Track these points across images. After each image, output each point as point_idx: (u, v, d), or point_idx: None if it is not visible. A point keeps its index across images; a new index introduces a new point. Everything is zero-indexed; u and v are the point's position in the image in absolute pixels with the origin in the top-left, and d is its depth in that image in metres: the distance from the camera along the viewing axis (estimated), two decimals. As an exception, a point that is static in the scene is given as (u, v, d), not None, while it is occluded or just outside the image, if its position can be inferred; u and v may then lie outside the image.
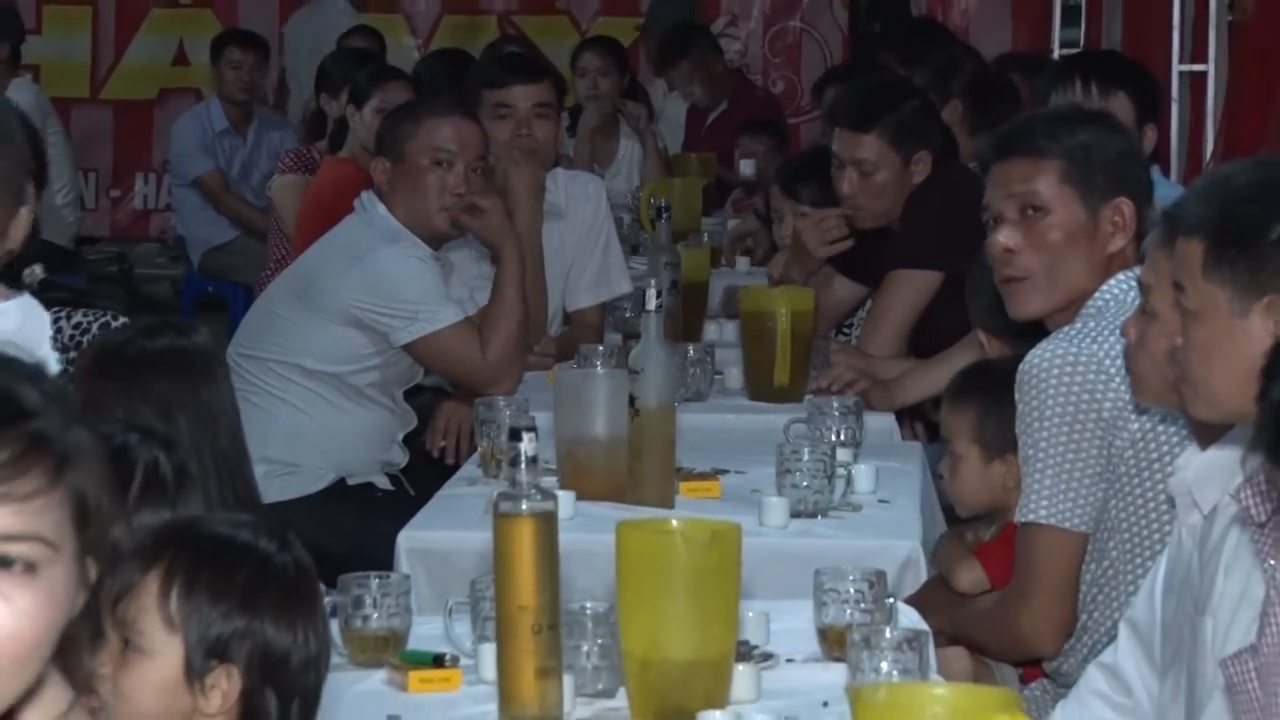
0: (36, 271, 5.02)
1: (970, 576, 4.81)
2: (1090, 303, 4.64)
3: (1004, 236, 4.79)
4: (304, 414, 6.30)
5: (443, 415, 6.54)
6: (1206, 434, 3.83)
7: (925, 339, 6.65)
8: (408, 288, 6.39)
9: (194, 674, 2.99)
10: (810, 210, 7.37)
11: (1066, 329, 4.59)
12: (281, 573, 3.04)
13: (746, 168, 10.19)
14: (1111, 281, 4.63)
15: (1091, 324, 4.56)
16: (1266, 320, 3.29)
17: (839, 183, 6.93)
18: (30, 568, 2.25)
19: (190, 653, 2.98)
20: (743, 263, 8.83)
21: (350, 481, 6.35)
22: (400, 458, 6.59)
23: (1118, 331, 4.34)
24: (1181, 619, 3.82)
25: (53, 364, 4.21)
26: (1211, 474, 3.80)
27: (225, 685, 2.99)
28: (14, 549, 2.23)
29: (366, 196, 6.61)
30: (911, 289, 6.71)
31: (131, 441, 3.39)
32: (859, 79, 7.58)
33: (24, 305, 4.40)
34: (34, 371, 2.36)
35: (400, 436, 6.62)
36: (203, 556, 2.99)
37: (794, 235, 7.34)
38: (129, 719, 2.93)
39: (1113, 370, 4.42)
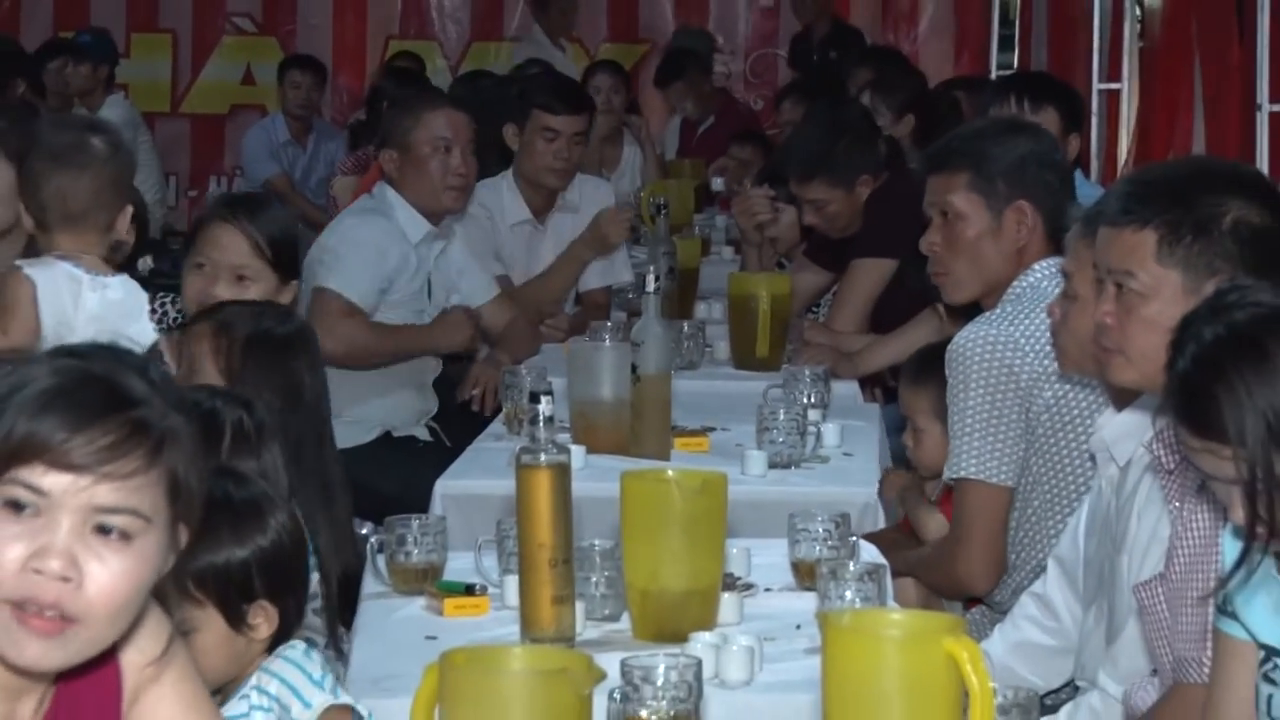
0: (148, 262, 5.05)
1: (934, 523, 4.81)
2: (1010, 289, 4.65)
3: (930, 238, 4.86)
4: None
5: (474, 372, 6.55)
6: (1122, 398, 3.84)
7: (882, 317, 6.66)
8: (339, 241, 6.38)
9: (239, 624, 2.98)
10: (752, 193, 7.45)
11: (988, 314, 4.61)
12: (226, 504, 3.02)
13: (717, 183, 10.17)
14: (1028, 271, 4.65)
15: (1010, 308, 4.58)
16: None
17: (802, 215, 7.08)
18: (125, 536, 2.27)
19: (227, 611, 2.98)
20: (727, 252, 8.82)
21: (395, 434, 6.32)
22: (432, 404, 6.56)
23: (1035, 312, 4.36)
24: (1102, 556, 3.82)
25: (149, 334, 4.23)
26: (1127, 432, 3.81)
27: (264, 615, 2.99)
28: (113, 520, 2.25)
29: (378, 188, 6.58)
30: (870, 275, 6.73)
31: (219, 405, 3.41)
32: (803, 128, 7.54)
33: (125, 283, 4.43)
34: (141, 363, 2.37)
35: (429, 379, 6.60)
36: None
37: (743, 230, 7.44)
38: (212, 679, 2.95)
39: (1028, 347, 4.43)
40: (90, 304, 4.26)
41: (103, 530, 2.26)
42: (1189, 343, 2.96)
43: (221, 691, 3.00)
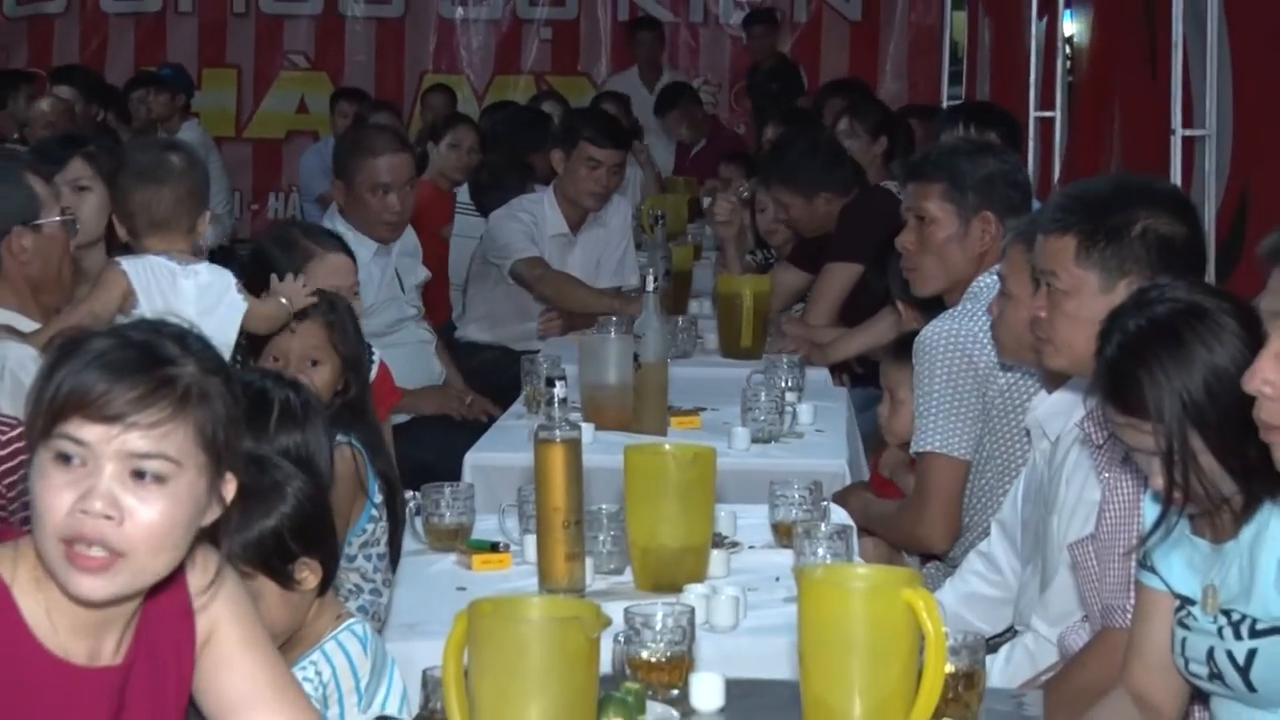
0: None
1: (911, 482, 4.83)
2: (970, 288, 4.66)
3: (904, 238, 4.85)
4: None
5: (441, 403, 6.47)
6: (1054, 381, 3.86)
7: (849, 314, 6.65)
8: None
9: (288, 582, 2.97)
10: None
11: (951, 311, 4.62)
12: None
13: (706, 202, 10.16)
14: (984, 275, 4.65)
15: (970, 305, 4.58)
16: (1126, 294, 3.30)
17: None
18: (159, 479, 2.28)
19: (274, 575, 2.97)
20: (716, 256, 8.82)
21: (432, 414, 6.27)
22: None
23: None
24: (1036, 519, 3.82)
25: (240, 305, 4.26)
26: (1056, 411, 3.83)
27: (308, 569, 2.98)
28: (146, 464, 2.26)
29: (326, 217, 6.40)
30: (840, 277, 6.72)
31: (269, 385, 3.39)
32: (784, 144, 7.56)
33: (209, 267, 4.46)
34: (180, 332, 2.38)
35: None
36: None
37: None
38: (281, 631, 2.95)
39: (985, 340, 4.42)
40: (187, 289, 4.30)
41: (139, 474, 2.27)
42: (1115, 332, 2.96)
43: (290, 642, 2.98)
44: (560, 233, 7.31)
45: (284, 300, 4.17)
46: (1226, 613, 2.94)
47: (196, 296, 4.32)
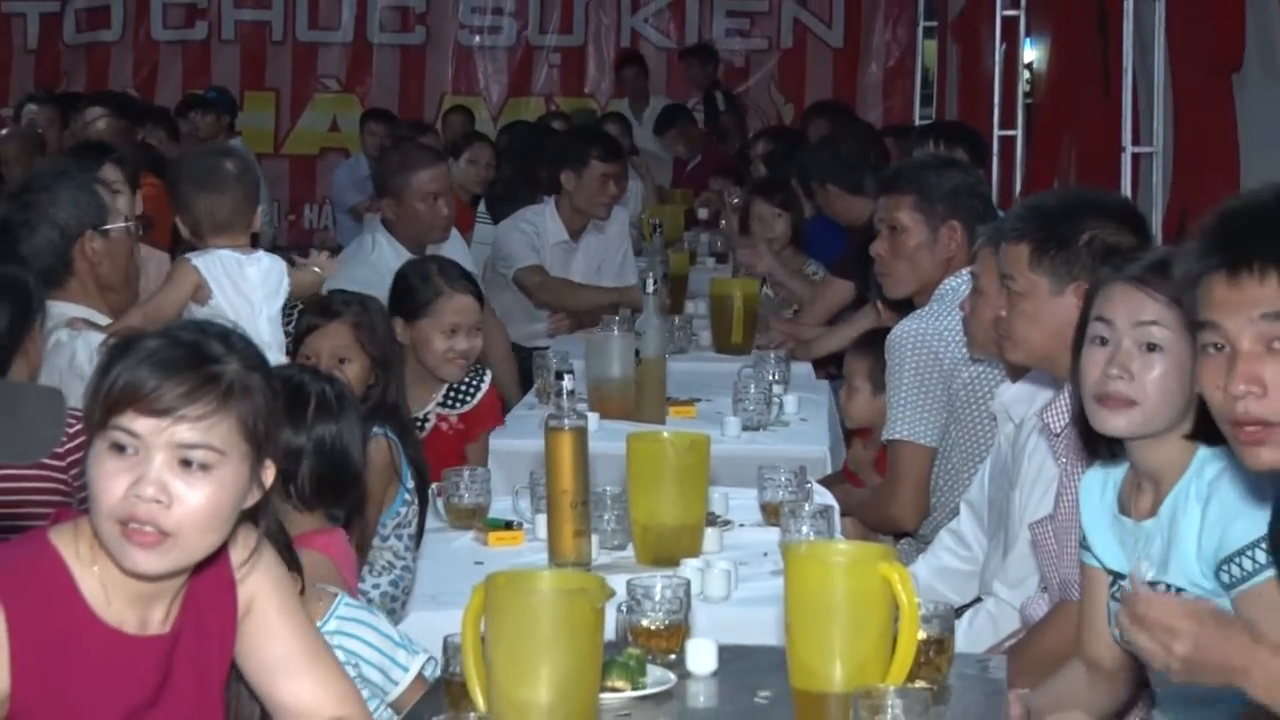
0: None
1: (873, 481, 4.86)
2: (938, 290, 4.68)
3: (878, 246, 4.88)
4: None
5: None
6: (1016, 372, 3.87)
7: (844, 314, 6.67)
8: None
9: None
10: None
11: (919, 311, 4.65)
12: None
13: (702, 213, 10.14)
14: (951, 278, 4.66)
15: (936, 306, 4.62)
16: (1074, 298, 3.30)
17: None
18: (205, 467, 2.28)
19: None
20: (710, 261, 8.82)
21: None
22: None
23: (956, 310, 4.35)
24: (1000, 496, 3.83)
25: (283, 294, 4.30)
26: (1019, 398, 3.85)
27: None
28: (193, 454, 2.26)
29: (360, 240, 6.43)
30: (843, 290, 6.70)
31: (306, 378, 3.39)
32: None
33: (267, 255, 4.53)
34: (224, 332, 2.38)
35: None
36: None
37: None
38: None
39: (950, 338, 4.45)
40: (253, 275, 4.39)
41: (186, 463, 2.27)
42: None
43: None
44: (561, 240, 7.32)
45: (316, 269, 4.24)
46: (1152, 584, 2.92)
47: (261, 281, 4.39)
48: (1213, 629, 2.39)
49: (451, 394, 4.75)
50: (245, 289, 4.34)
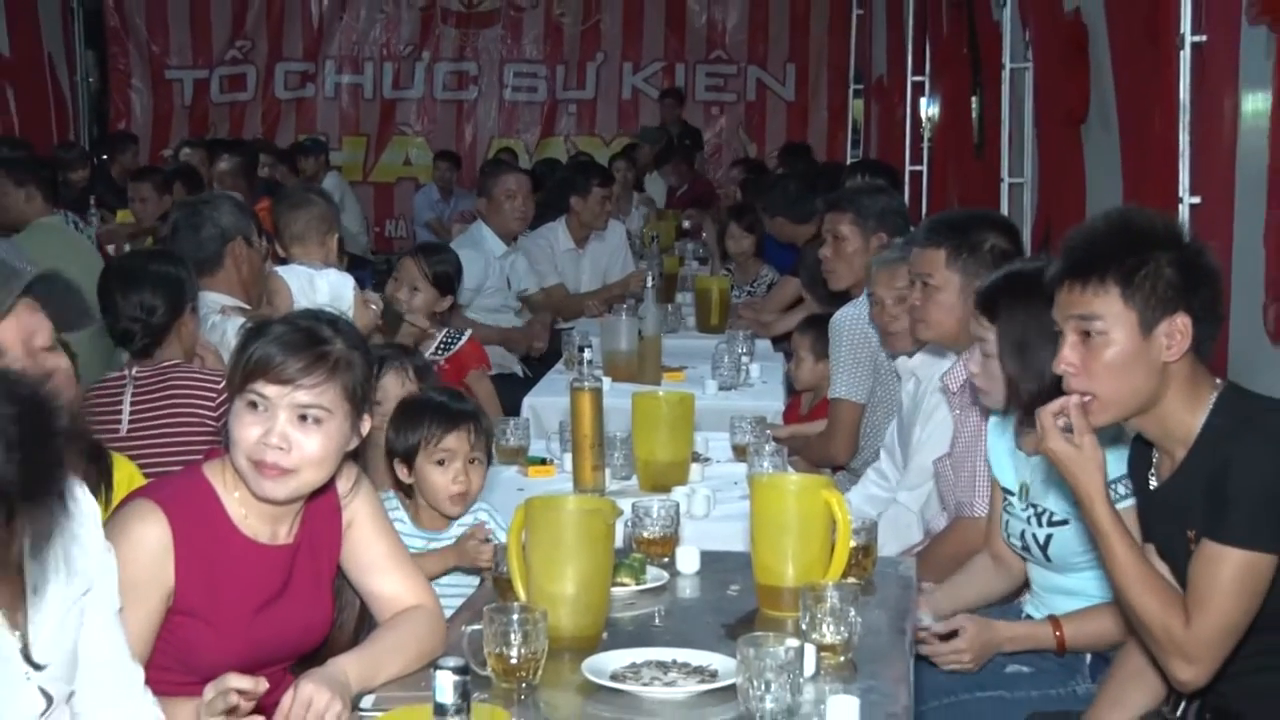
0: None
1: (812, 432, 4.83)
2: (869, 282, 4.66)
3: (824, 251, 4.86)
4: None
5: None
6: (919, 345, 3.85)
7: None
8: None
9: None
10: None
11: (855, 300, 4.61)
12: None
13: (687, 225, 10.11)
14: None
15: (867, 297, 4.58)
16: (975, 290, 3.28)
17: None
18: (318, 421, 2.28)
19: None
20: (694, 265, 8.80)
21: (503, 373, 6.22)
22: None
23: None
24: (905, 432, 3.83)
25: (350, 302, 4.27)
26: (921, 364, 3.84)
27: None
28: (309, 412, 2.27)
29: (473, 226, 6.65)
30: (794, 286, 6.67)
31: (389, 353, 3.40)
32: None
33: (336, 272, 4.45)
34: (332, 318, 2.38)
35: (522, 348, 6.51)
36: None
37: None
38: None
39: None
40: (321, 287, 4.32)
41: (303, 418, 2.27)
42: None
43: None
44: (569, 248, 7.24)
45: (374, 307, 4.23)
46: (1034, 505, 2.94)
47: (327, 293, 4.35)
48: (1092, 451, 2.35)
49: (440, 346, 4.88)
50: (314, 296, 4.31)
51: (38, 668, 1.82)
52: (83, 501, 1.95)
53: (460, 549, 2.98)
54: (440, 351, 4.90)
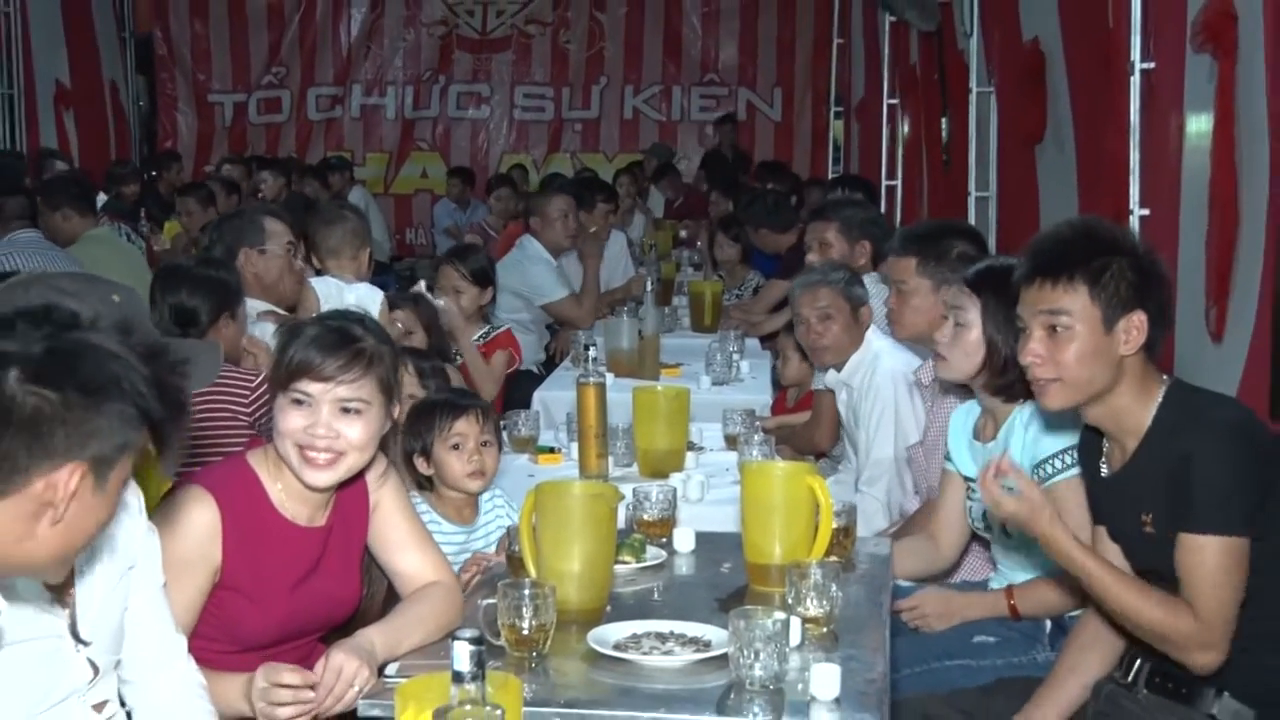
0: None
1: (797, 422, 4.83)
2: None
3: (811, 257, 4.85)
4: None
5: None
6: (841, 359, 3.86)
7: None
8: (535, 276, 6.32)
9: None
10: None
11: None
12: None
13: (684, 235, 10.08)
14: (864, 278, 4.64)
15: None
16: (944, 296, 3.28)
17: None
18: (357, 412, 2.29)
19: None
20: (689, 271, 8.79)
21: (522, 368, 6.23)
22: (540, 357, 6.48)
23: None
24: (854, 441, 3.85)
25: (376, 310, 4.25)
26: (850, 373, 3.88)
27: None
28: (349, 404, 2.29)
29: (523, 241, 6.49)
30: (781, 288, 6.68)
31: (406, 354, 3.41)
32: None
33: (365, 286, 4.43)
34: (363, 318, 2.38)
35: (542, 350, 6.52)
36: None
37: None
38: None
39: None
40: (349, 299, 4.29)
41: (345, 410, 2.28)
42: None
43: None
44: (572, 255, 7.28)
45: (398, 326, 4.21)
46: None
47: (356, 302, 4.31)
48: (1039, 501, 2.37)
49: (480, 335, 5.01)
50: (340, 307, 4.31)
51: (84, 643, 1.83)
52: (127, 490, 1.96)
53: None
54: (480, 340, 5.06)
